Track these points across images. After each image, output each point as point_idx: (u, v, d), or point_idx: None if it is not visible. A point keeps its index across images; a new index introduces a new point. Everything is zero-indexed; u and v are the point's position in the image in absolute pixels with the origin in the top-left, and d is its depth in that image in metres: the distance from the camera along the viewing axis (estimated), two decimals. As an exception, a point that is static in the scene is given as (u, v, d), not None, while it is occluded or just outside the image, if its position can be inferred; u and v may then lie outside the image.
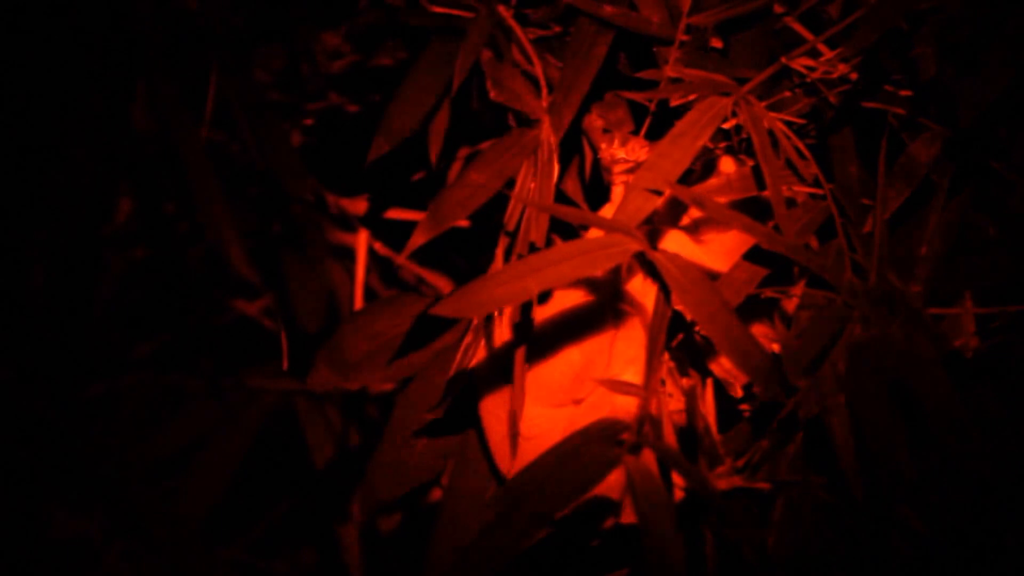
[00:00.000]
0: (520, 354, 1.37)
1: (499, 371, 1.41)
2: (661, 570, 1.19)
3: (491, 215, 1.48)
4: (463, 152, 1.84)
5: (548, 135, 1.45)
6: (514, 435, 1.38)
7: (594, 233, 1.33)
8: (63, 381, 2.24)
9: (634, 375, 1.37)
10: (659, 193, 1.31)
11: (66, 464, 2.23)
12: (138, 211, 2.16)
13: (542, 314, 1.41)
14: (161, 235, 2.17)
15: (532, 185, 1.44)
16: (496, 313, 1.41)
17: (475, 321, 1.44)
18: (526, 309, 1.37)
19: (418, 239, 1.44)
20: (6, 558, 2.23)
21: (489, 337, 1.43)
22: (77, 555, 2.24)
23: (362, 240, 2.17)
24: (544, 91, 1.49)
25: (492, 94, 1.49)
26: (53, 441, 2.22)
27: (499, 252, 1.43)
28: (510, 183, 1.44)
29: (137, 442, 2.28)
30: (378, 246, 2.20)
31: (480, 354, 1.45)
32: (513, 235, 1.41)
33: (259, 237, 2.13)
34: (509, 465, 1.41)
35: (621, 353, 1.40)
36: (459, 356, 1.44)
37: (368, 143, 1.53)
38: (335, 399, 2.23)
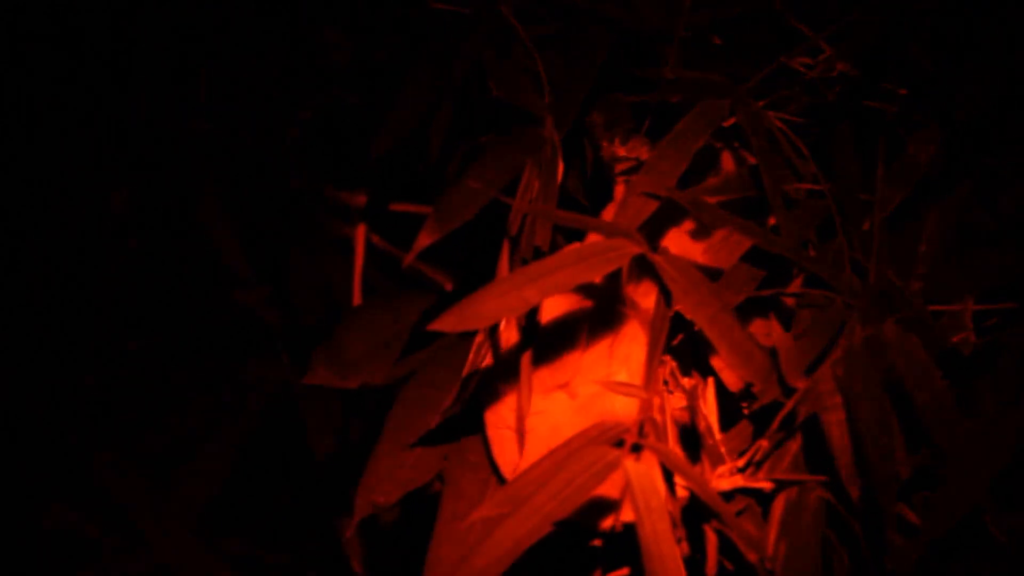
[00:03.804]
0: (526, 356, 1.37)
1: (503, 370, 1.41)
2: (660, 571, 1.19)
3: (493, 209, 1.47)
4: (463, 146, 1.83)
5: (551, 133, 1.44)
6: (520, 435, 1.38)
7: (595, 235, 1.33)
8: (60, 374, 2.24)
9: (635, 375, 1.37)
10: (658, 196, 1.31)
11: (63, 458, 2.23)
12: (133, 203, 2.15)
13: (545, 313, 1.41)
14: (157, 227, 2.16)
15: (536, 184, 1.43)
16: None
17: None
18: (531, 313, 1.37)
19: (424, 240, 1.42)
20: (2, 553, 2.23)
21: (494, 337, 1.43)
22: (74, 550, 2.24)
23: (360, 233, 2.17)
24: (546, 89, 1.48)
25: (494, 92, 1.49)
26: (50, 435, 2.22)
27: (503, 258, 1.42)
28: (514, 183, 1.43)
29: (135, 435, 2.28)
30: (376, 239, 2.20)
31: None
32: (516, 238, 1.40)
33: (257, 229, 2.12)
34: (512, 465, 1.41)
35: (622, 353, 1.40)
36: (471, 356, 1.43)
37: (367, 136, 1.52)
38: (335, 391, 2.22)
